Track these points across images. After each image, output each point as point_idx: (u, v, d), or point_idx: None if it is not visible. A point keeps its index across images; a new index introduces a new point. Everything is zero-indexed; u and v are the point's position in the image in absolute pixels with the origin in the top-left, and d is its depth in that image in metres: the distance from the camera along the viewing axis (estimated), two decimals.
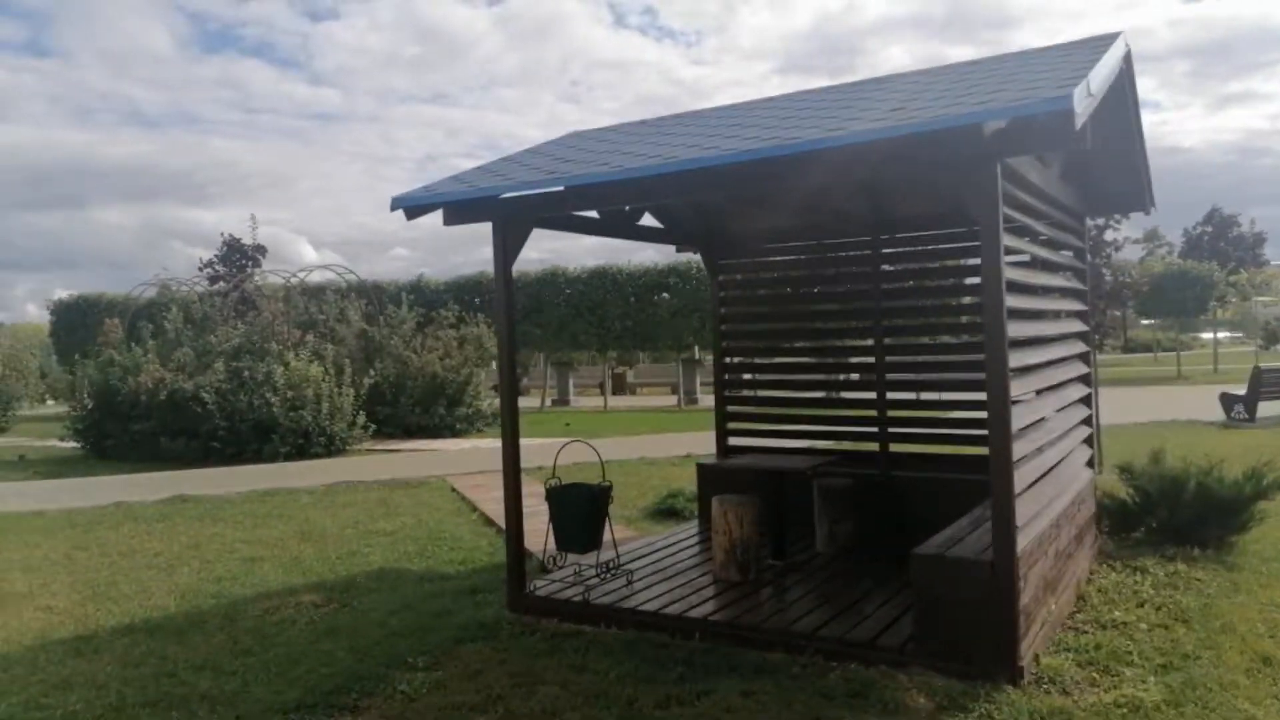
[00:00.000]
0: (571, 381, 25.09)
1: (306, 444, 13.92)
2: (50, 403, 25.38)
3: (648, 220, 6.99)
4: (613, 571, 5.41)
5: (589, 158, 5.22)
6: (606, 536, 5.41)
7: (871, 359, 6.77)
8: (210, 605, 5.86)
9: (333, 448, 14.20)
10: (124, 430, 14.43)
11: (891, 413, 6.70)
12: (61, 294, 28.37)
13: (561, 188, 4.79)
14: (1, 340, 24.09)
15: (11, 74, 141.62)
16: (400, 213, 5.22)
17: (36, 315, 30.62)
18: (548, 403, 24.03)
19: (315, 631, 5.19)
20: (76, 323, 26.46)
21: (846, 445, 7.02)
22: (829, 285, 7.24)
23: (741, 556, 5.36)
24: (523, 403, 24.64)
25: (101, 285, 35.14)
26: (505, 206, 5.18)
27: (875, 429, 6.74)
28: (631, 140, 5.69)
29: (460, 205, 5.22)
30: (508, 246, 5.32)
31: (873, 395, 6.74)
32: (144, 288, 20.73)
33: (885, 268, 6.77)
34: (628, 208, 6.53)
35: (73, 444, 15.45)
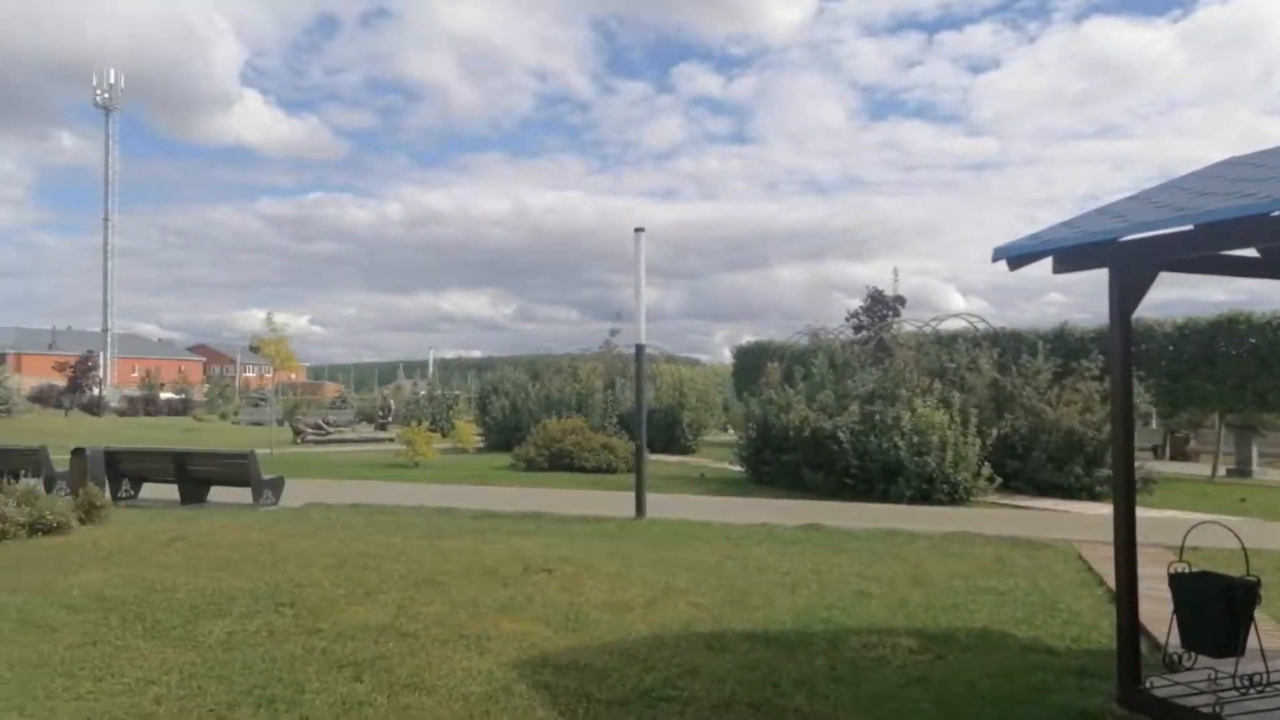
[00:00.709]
0: (1255, 449, 20.75)
1: (930, 489, 14.13)
2: (729, 431, 30.11)
3: None
4: (1259, 688, 4.40)
5: (1235, 188, 4.42)
6: (1253, 644, 4.44)
7: None
8: (819, 629, 6.40)
9: (955, 496, 14.15)
10: (776, 459, 16.50)
11: None
12: (744, 340, 33.64)
13: (1189, 227, 4.16)
14: (696, 379, 29.50)
15: (722, 161, 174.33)
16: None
17: (728, 358, 37.00)
18: (1220, 471, 20.26)
19: (906, 676, 5.30)
20: (751, 364, 30.96)
21: None
22: None
23: None
24: (1188, 469, 21.35)
25: (774, 333, 40.76)
26: (1121, 251, 4.68)
27: None
28: None
29: (1068, 252, 4.88)
30: (1125, 294, 4.79)
31: None
32: (799, 335, 23.44)
33: None
34: None
35: (737, 468, 18.20)
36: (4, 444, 15.89)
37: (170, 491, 13.89)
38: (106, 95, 72.80)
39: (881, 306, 19.62)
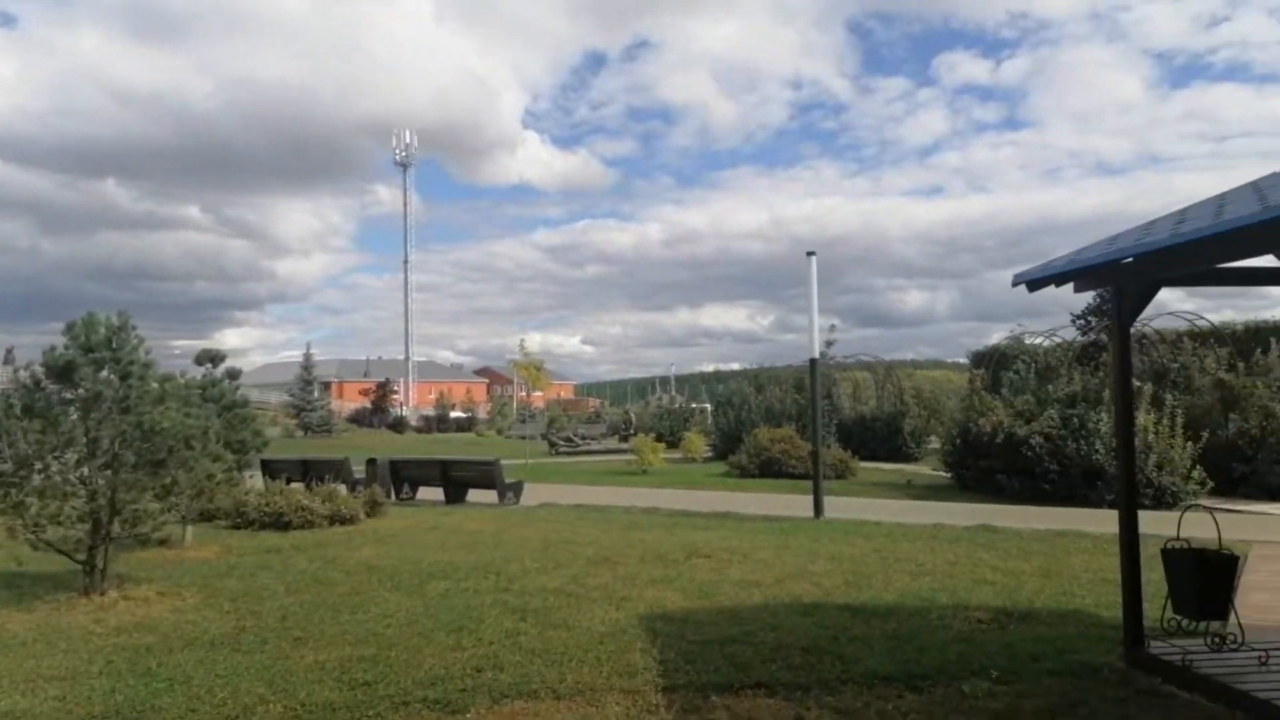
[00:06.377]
0: None
1: None
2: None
3: None
4: (1231, 647, 4.98)
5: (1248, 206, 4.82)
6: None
7: None
8: (913, 604, 7.37)
9: (1161, 500, 13.75)
10: (975, 465, 16.71)
11: None
12: (983, 345, 32.71)
13: (1175, 243, 4.73)
14: (921, 386, 29.39)
15: (993, 150, 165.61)
16: None
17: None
18: None
19: (955, 637, 6.24)
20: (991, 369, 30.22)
21: None
22: None
23: None
24: None
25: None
26: (1122, 270, 5.41)
27: None
28: None
29: (1074, 275, 5.64)
30: (1123, 309, 5.51)
31: None
32: (1008, 339, 22.94)
33: None
34: None
35: (943, 474, 18.49)
36: (315, 456, 19.90)
37: (440, 493, 16.90)
38: (404, 153, 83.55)
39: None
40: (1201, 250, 4.78)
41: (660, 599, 7.65)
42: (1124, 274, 5.41)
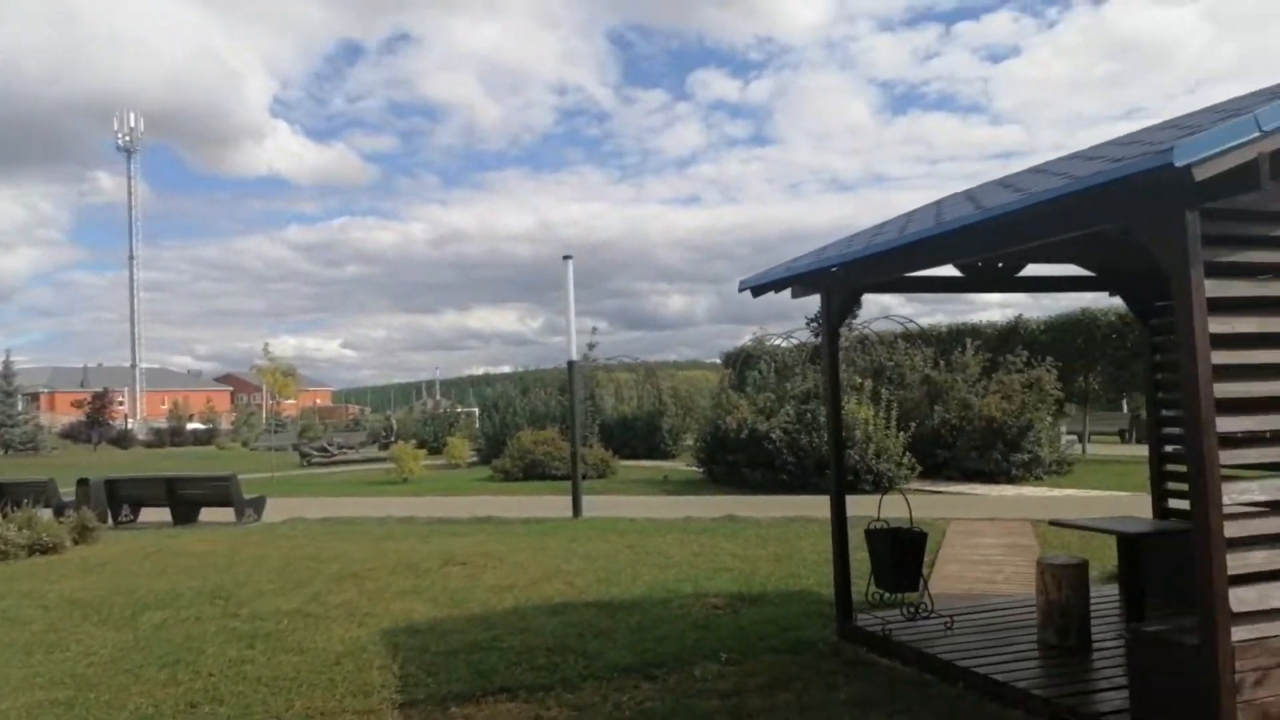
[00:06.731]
0: None
1: (855, 480, 15.25)
2: None
3: (1043, 270, 6.73)
4: (923, 615, 5.63)
5: (931, 217, 5.38)
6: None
7: None
8: (658, 596, 7.64)
9: (879, 485, 15.24)
10: (724, 460, 17.71)
11: None
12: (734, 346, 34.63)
13: (868, 254, 5.24)
14: (680, 386, 30.74)
15: (743, 164, 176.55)
16: None
17: None
18: None
19: (693, 624, 6.55)
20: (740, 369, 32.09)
21: None
22: None
23: (1060, 620, 5.10)
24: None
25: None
26: (829, 278, 5.91)
27: None
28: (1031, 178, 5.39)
29: (789, 282, 6.12)
30: (831, 312, 6.04)
31: None
32: (751, 340, 24.66)
33: None
34: (1013, 263, 6.45)
35: (696, 469, 19.44)
36: (12, 479, 17.38)
37: (167, 514, 15.34)
38: (128, 138, 75.32)
39: None
40: (890, 261, 5.34)
41: (408, 611, 7.41)
42: (831, 281, 5.93)
